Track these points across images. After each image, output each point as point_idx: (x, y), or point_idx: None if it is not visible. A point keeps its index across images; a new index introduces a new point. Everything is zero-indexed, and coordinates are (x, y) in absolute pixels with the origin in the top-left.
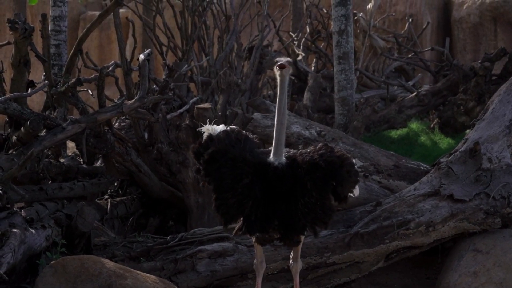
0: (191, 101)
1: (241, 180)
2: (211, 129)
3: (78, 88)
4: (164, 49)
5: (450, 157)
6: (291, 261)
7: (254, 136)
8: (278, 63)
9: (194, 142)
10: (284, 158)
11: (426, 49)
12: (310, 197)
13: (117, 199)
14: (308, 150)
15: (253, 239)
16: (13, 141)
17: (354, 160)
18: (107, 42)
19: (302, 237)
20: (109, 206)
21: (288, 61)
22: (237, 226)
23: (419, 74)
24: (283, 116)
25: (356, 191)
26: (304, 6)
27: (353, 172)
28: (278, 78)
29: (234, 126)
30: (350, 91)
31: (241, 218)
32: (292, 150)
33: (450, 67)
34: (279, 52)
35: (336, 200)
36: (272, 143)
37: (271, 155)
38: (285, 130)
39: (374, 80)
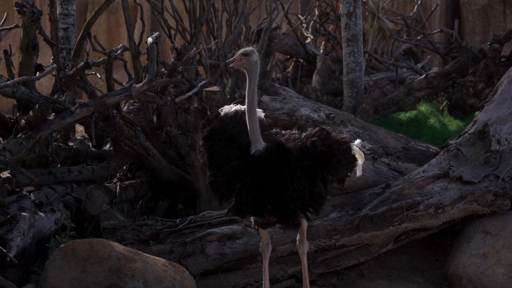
0: (199, 84)
1: (230, 161)
2: (227, 108)
3: (86, 72)
4: (173, 32)
5: (459, 139)
6: (297, 242)
7: (267, 119)
8: (233, 62)
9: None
10: (262, 145)
11: (435, 31)
12: (299, 184)
13: (126, 182)
14: (303, 135)
15: (253, 222)
16: (22, 125)
17: (356, 143)
18: (115, 26)
19: (303, 221)
20: (118, 190)
21: (243, 52)
22: (229, 206)
23: (428, 56)
24: (251, 105)
25: (358, 171)
26: None
27: (345, 161)
28: (245, 71)
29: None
30: (359, 73)
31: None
32: (288, 133)
33: (459, 49)
34: (288, 35)
35: (333, 182)
36: (280, 126)
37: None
38: (256, 118)
39: (383, 63)
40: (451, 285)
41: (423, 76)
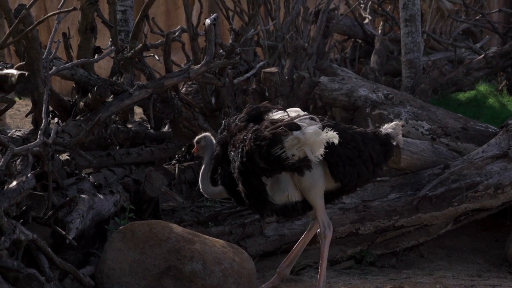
0: (258, 66)
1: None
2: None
3: (144, 54)
4: (231, 13)
5: None
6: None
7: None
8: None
9: None
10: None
11: (494, 10)
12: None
13: (185, 164)
14: (243, 143)
15: None
16: (81, 107)
17: (291, 137)
18: (173, 8)
19: (315, 205)
20: (176, 171)
21: (196, 140)
22: None
23: (487, 36)
24: (202, 179)
25: (310, 154)
26: None
27: (262, 166)
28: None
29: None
30: (417, 53)
31: None
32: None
33: None
34: (346, 16)
35: None
36: (338, 107)
37: None
38: (207, 186)
39: (441, 43)
40: (511, 266)
41: (482, 56)
